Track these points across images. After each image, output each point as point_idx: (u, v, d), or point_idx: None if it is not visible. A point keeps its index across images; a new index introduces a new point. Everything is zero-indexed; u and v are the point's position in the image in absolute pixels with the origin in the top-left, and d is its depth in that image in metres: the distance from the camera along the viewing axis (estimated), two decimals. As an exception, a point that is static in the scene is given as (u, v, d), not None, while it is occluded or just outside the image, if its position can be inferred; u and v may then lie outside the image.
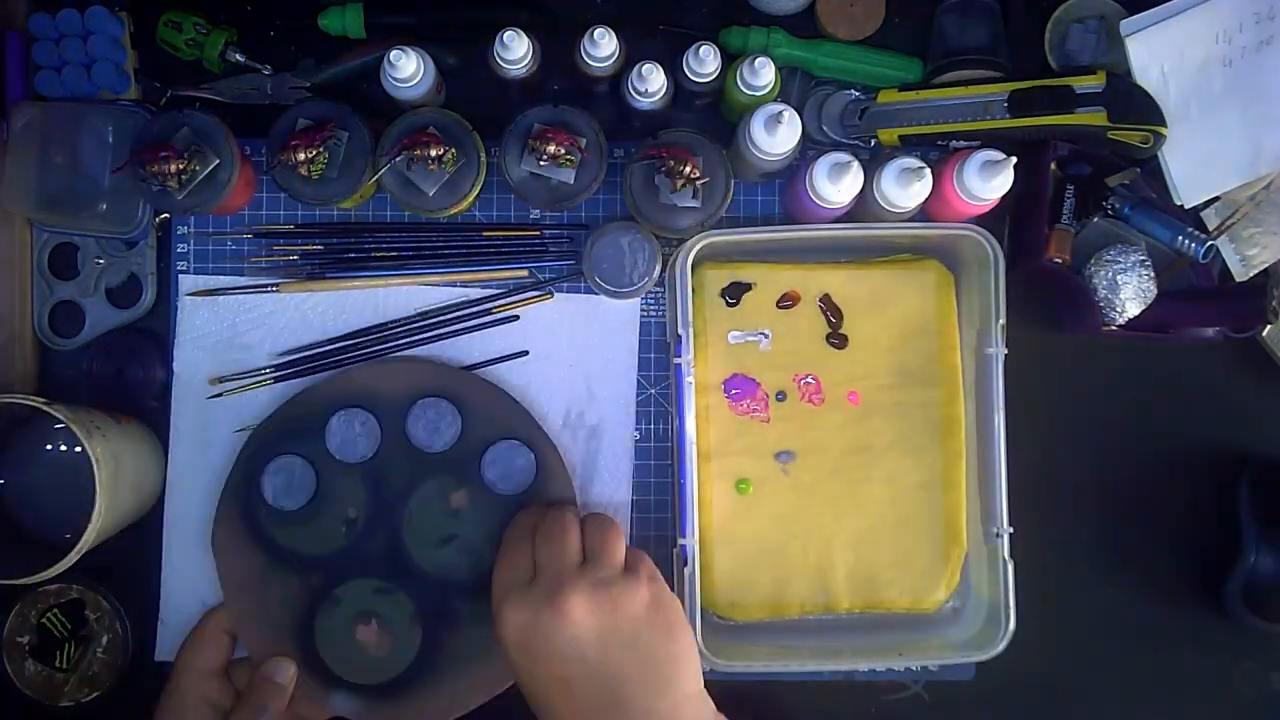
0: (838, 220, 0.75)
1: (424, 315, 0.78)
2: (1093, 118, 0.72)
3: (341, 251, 0.78)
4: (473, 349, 0.78)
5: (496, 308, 0.78)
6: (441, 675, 0.74)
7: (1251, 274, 0.76)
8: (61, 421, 0.68)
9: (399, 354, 0.78)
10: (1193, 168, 0.74)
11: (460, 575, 0.75)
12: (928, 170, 0.71)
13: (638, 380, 0.78)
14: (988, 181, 0.70)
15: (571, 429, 0.78)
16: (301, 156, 0.70)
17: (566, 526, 0.69)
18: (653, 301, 0.79)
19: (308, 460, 0.75)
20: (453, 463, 0.75)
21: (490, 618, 0.68)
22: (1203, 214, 0.77)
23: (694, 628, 0.70)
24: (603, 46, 0.71)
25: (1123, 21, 0.74)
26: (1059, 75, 0.74)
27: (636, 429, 0.78)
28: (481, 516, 0.75)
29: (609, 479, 0.78)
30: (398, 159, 0.71)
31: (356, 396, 0.75)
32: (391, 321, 0.78)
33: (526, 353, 0.78)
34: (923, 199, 0.73)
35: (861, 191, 0.72)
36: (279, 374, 0.77)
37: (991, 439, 0.74)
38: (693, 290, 0.74)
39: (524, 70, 0.73)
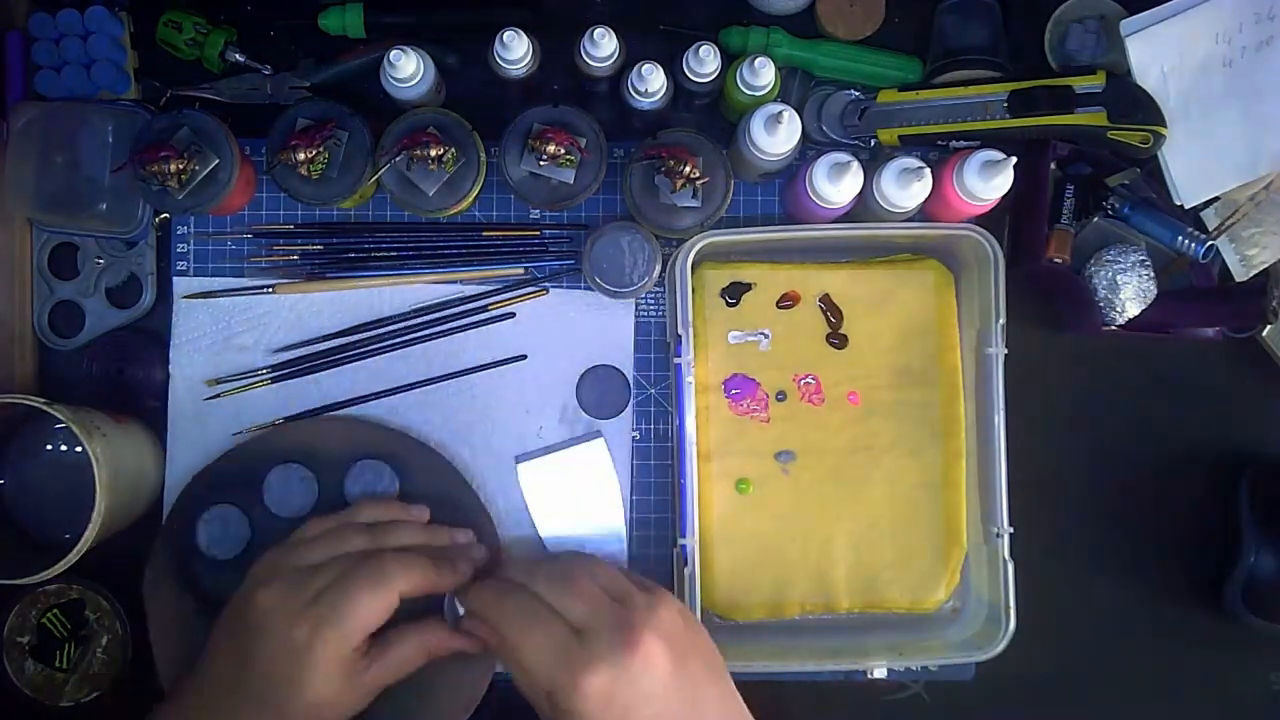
0: (838, 220, 0.75)
1: (419, 311, 0.78)
2: (1093, 118, 0.72)
3: (341, 251, 0.78)
4: (470, 350, 0.78)
5: (492, 304, 0.78)
6: None
7: (1251, 274, 0.76)
8: (61, 421, 0.68)
9: (339, 413, 0.77)
10: (1193, 168, 0.74)
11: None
12: (928, 170, 0.71)
13: (638, 380, 0.78)
14: (988, 181, 0.70)
15: (569, 425, 0.78)
16: (301, 156, 0.70)
17: (582, 571, 0.65)
18: (653, 301, 0.79)
19: (243, 511, 0.75)
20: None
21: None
22: (1203, 214, 0.77)
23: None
24: (603, 46, 0.71)
25: (1123, 21, 0.74)
26: (1059, 75, 0.74)
27: (636, 429, 0.78)
28: None
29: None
30: (398, 159, 0.71)
31: (295, 452, 0.75)
32: (386, 318, 0.78)
33: (524, 357, 0.78)
34: (923, 199, 0.73)
35: (861, 191, 0.72)
36: (276, 374, 0.77)
37: (991, 439, 0.74)
38: (693, 290, 0.74)
39: (524, 70, 0.73)
